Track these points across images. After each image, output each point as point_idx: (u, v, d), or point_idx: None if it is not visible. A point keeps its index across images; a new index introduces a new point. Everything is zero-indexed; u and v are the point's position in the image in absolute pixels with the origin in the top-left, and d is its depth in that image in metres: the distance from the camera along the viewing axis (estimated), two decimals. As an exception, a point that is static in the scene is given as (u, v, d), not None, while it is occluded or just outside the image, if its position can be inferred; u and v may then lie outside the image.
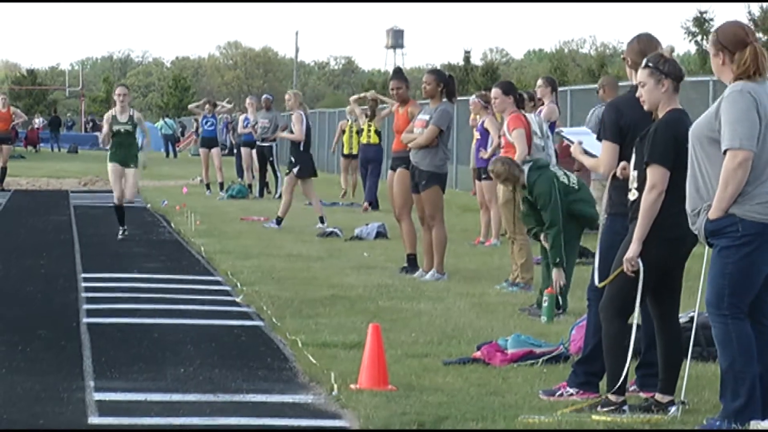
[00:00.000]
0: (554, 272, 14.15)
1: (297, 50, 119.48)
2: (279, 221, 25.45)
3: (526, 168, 14.74)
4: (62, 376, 10.60)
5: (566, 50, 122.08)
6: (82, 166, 52.37)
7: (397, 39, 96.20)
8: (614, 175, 9.93)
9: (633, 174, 9.71)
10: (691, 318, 10.01)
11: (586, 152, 11.16)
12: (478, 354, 11.47)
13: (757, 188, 8.70)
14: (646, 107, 9.55)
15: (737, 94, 8.77)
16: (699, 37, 62.66)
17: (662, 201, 9.31)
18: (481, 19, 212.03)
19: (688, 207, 9.00)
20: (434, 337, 12.02)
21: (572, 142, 11.77)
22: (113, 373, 10.74)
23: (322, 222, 25.10)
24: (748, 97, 8.71)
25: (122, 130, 22.11)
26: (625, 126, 9.79)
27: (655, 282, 9.48)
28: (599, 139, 10.22)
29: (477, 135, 22.00)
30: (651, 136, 9.43)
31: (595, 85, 33.73)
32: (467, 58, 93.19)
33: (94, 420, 9.20)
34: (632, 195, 9.66)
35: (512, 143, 16.73)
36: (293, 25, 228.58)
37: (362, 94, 21.54)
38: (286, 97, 27.14)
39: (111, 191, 37.72)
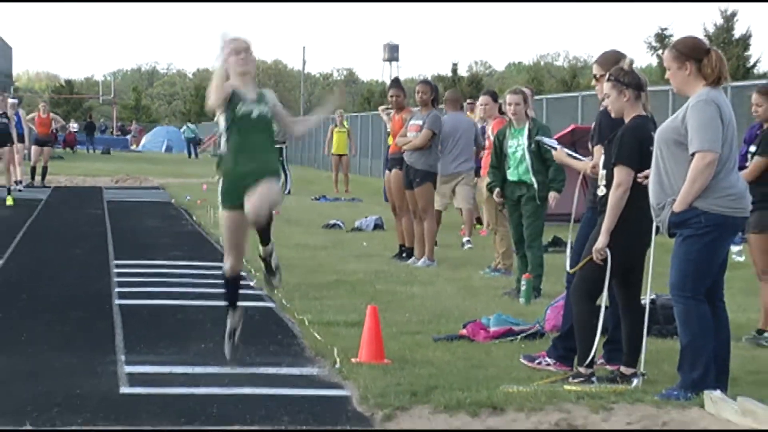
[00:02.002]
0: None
1: (304, 63, 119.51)
2: None
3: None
4: (96, 352, 10.61)
5: (542, 63, 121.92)
6: (114, 166, 52.24)
7: (392, 53, 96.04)
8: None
9: (602, 173, 9.77)
10: (652, 300, 10.03)
11: (570, 155, 11.29)
12: (464, 331, 11.49)
13: (717, 184, 8.81)
14: (612, 115, 9.62)
15: (703, 103, 8.85)
16: (660, 51, 62.43)
17: (627, 197, 9.38)
18: (467, 34, 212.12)
19: (652, 201, 9.06)
20: (425, 317, 12.03)
21: (555, 148, 11.88)
22: (142, 348, 10.75)
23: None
24: (713, 105, 8.83)
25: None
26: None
27: (620, 269, 9.52)
28: (593, 143, 10.26)
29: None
30: (618, 140, 9.50)
31: (570, 94, 33.79)
32: (455, 70, 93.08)
33: (125, 390, 9.22)
34: (600, 191, 9.74)
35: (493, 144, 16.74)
36: (301, 40, 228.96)
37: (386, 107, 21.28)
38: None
39: (140, 187, 38.27)
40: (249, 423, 8.07)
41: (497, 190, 14.93)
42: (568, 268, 10.10)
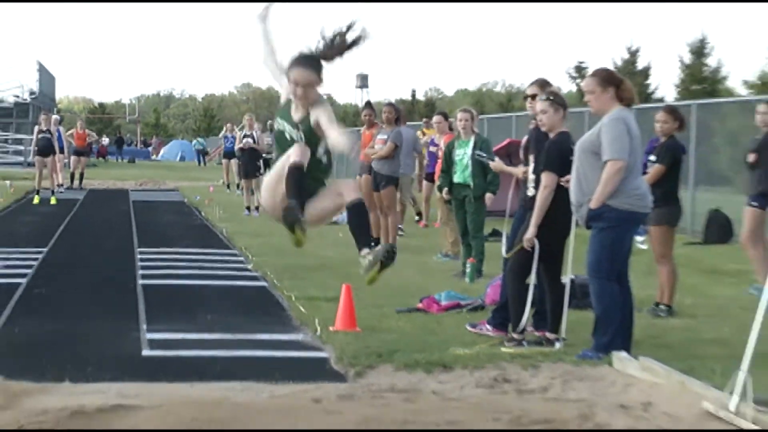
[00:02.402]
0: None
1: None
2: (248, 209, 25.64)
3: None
4: (123, 322, 10.59)
5: (484, 89, 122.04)
6: (138, 172, 52.12)
7: (363, 81, 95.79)
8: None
9: (531, 177, 9.81)
10: (571, 279, 10.05)
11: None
12: (420, 305, 11.48)
13: (625, 186, 8.92)
14: (545, 129, 9.69)
15: (615, 120, 8.95)
16: (578, 80, 62.63)
17: (552, 197, 9.43)
18: (423, 66, 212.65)
19: (573, 200, 9.14)
20: (389, 293, 12.00)
21: (492, 160, 12.08)
22: (160, 319, 10.71)
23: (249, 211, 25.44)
24: (623, 123, 8.96)
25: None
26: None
27: (545, 254, 9.55)
28: (528, 153, 10.27)
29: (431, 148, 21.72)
30: (545, 151, 9.56)
31: (506, 114, 33.84)
32: (413, 95, 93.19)
33: (147, 353, 9.23)
34: (530, 192, 9.79)
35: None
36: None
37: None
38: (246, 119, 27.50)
39: (159, 189, 38.54)
40: (247, 379, 8.07)
41: (446, 189, 15.06)
42: (503, 253, 10.14)
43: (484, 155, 13.56)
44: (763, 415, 6.87)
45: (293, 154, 7.45)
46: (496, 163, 12.02)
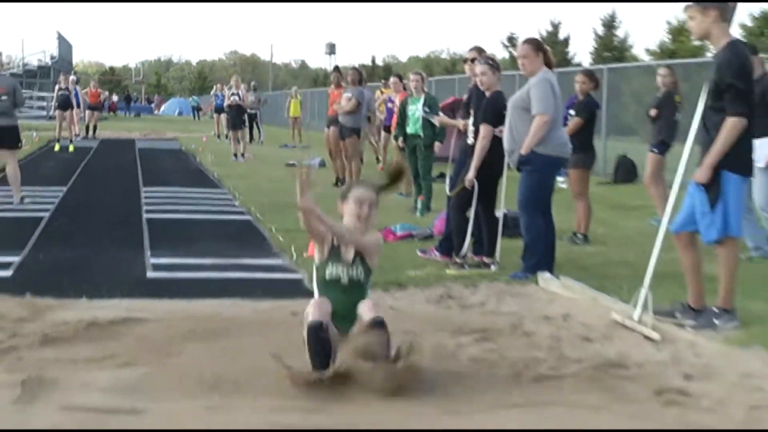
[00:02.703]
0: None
1: (272, 56, 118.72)
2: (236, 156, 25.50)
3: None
4: (131, 249, 10.51)
5: (432, 56, 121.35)
6: (143, 125, 51.68)
7: (331, 48, 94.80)
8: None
9: (471, 128, 9.77)
10: (504, 213, 10.06)
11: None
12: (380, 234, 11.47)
13: (550, 136, 8.93)
14: (483, 88, 9.66)
15: (542, 81, 8.96)
16: (510, 49, 62.59)
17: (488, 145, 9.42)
18: (382, 36, 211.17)
19: (506, 147, 9.15)
20: (353, 225, 11.98)
21: (437, 115, 12.11)
22: (162, 246, 10.64)
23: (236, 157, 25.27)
24: (548, 83, 8.98)
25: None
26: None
27: (482, 192, 9.54)
28: (468, 109, 10.21)
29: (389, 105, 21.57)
30: (483, 106, 9.52)
31: (450, 77, 33.67)
32: (373, 60, 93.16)
33: (151, 274, 9.16)
34: (470, 141, 9.77)
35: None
36: (270, 39, 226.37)
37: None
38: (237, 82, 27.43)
39: (160, 139, 38.60)
40: (234, 296, 8.04)
41: (400, 139, 15.18)
42: (447, 192, 10.13)
43: (430, 112, 13.63)
44: (660, 323, 6.93)
45: (310, 313, 5.69)
46: (440, 118, 12.04)
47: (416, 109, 14.73)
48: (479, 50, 10.55)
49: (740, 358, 6.16)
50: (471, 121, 9.91)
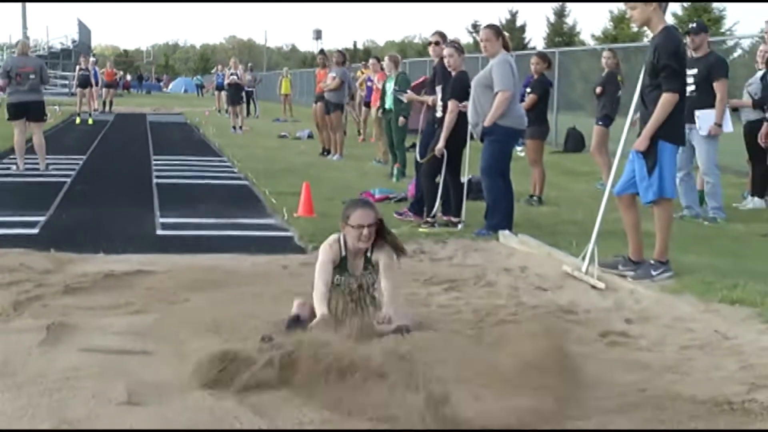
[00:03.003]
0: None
1: (266, 40, 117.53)
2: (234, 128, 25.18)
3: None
4: (142, 209, 10.44)
5: (406, 41, 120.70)
6: (153, 101, 51.29)
7: (318, 34, 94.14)
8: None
9: (440, 104, 9.69)
10: (469, 179, 10.00)
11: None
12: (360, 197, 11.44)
13: (510, 110, 8.85)
14: (450, 68, 9.56)
15: (503, 62, 8.92)
16: (474, 34, 62.39)
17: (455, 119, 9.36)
18: (362, 23, 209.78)
19: (471, 120, 9.05)
20: (338, 189, 11.92)
21: (405, 93, 12.02)
22: (170, 207, 10.57)
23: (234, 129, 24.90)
24: (508, 64, 8.95)
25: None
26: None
27: (448, 159, 9.49)
28: (435, 85, 10.10)
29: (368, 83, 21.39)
30: (451, 84, 9.45)
31: (422, 59, 33.52)
32: (355, 44, 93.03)
33: (160, 232, 9.10)
34: (438, 114, 9.68)
35: (380, 89, 16.66)
36: (264, 25, 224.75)
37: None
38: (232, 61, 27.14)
39: (168, 113, 38.65)
40: (233, 252, 7.99)
41: (381, 111, 15.15)
42: (417, 159, 10.08)
43: (398, 90, 13.59)
44: (605, 274, 6.93)
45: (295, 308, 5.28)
46: (408, 95, 11.89)
47: (389, 87, 14.68)
48: (441, 35, 10.65)
49: (673, 304, 6.18)
50: (439, 96, 9.84)
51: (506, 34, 9.25)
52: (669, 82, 6.76)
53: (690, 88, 8.74)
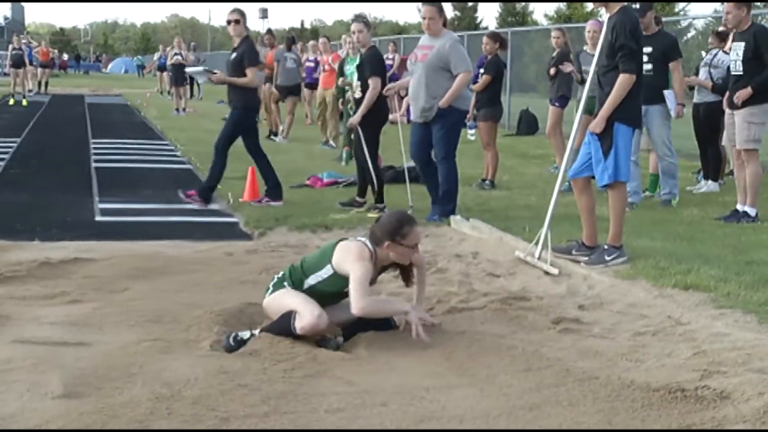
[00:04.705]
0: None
1: (210, 19, 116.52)
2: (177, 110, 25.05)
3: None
4: (80, 195, 10.34)
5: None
6: (91, 81, 50.59)
7: (264, 13, 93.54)
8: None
9: (356, 82, 9.71)
10: (408, 167, 9.98)
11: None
12: (308, 182, 11.40)
13: (463, 93, 8.80)
14: (360, 45, 9.89)
15: (456, 42, 8.97)
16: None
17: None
18: (309, 2, 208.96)
19: (424, 104, 8.83)
20: (285, 173, 11.80)
21: (214, 73, 12.01)
22: (109, 193, 10.45)
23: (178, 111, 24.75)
24: (460, 43, 8.90)
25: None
26: None
27: (367, 140, 9.45)
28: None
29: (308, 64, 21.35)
30: (367, 60, 9.65)
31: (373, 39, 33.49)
32: (302, 24, 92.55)
33: (99, 218, 9.01)
34: (357, 95, 9.63)
35: (334, 69, 16.59)
36: (208, 4, 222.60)
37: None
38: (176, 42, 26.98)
39: (107, 95, 38.05)
40: (176, 238, 7.93)
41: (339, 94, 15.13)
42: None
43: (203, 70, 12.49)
44: (558, 259, 6.98)
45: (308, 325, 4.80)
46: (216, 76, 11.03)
47: (352, 69, 14.57)
48: (359, 16, 10.26)
49: (627, 290, 6.24)
50: (356, 77, 9.81)
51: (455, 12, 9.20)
52: (626, 62, 6.79)
53: (647, 67, 8.79)
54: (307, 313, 4.77)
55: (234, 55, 9.87)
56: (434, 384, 4.28)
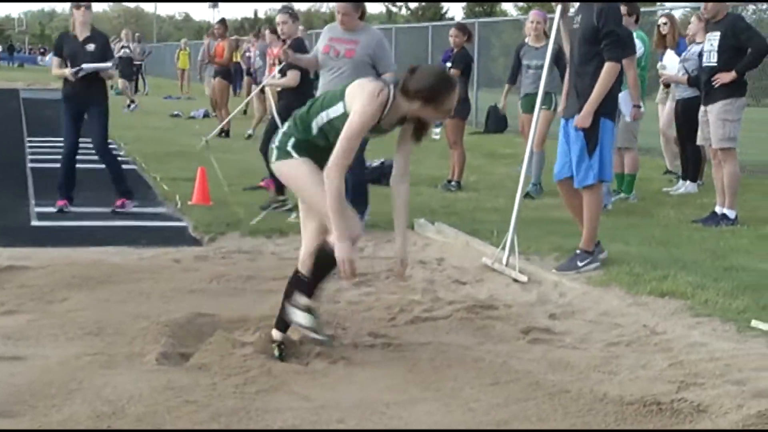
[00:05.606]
0: None
1: (156, 8, 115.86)
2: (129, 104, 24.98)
3: None
4: (15, 198, 10.25)
5: (312, 9, 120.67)
6: (27, 75, 50.08)
7: (215, 2, 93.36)
8: None
9: (278, 75, 9.82)
10: (381, 162, 10.02)
11: None
12: (262, 183, 11.33)
13: None
14: (285, 36, 9.63)
15: (381, 38, 8.81)
16: (387, 5, 62.72)
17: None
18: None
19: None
20: (237, 174, 11.82)
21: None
22: (47, 195, 10.34)
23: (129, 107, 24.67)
24: (384, 39, 8.87)
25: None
26: None
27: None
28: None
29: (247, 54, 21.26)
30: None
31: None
32: (255, 13, 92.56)
33: (35, 223, 8.95)
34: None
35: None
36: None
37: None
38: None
39: (44, 89, 37.61)
40: (119, 244, 7.88)
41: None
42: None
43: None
44: (526, 264, 7.02)
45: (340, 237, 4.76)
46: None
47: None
48: (285, 7, 10.12)
49: (600, 298, 6.30)
50: (277, 69, 9.86)
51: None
52: (612, 50, 6.73)
53: None
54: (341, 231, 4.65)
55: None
56: (396, 398, 4.30)
